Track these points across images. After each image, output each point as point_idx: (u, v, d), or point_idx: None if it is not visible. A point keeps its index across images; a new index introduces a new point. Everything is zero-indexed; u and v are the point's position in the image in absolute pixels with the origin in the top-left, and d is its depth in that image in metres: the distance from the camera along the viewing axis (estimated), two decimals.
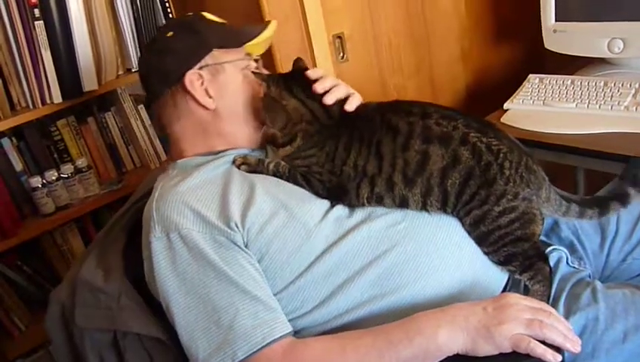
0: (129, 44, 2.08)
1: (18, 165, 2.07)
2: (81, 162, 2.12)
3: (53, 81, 1.96)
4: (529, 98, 1.93)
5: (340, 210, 1.26)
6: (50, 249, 2.17)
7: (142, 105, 2.22)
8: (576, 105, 1.84)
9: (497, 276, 1.25)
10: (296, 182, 1.29)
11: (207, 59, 1.34)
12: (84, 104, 2.15)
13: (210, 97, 1.33)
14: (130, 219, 1.48)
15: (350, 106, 1.30)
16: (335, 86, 1.31)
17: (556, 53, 2.01)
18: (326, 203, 1.27)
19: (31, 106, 1.98)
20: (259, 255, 1.20)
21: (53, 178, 2.06)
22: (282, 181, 1.29)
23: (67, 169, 2.09)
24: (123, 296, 1.25)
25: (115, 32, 2.08)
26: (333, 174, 1.26)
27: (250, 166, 1.31)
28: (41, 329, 2.09)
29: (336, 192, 1.27)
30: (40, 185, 2.04)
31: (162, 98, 1.35)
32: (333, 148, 1.27)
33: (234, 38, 1.39)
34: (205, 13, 1.43)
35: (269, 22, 1.45)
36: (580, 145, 1.69)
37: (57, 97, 1.98)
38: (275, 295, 1.19)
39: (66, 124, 2.14)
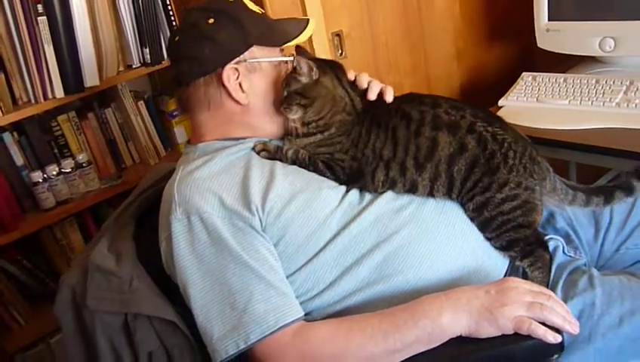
0: (130, 40, 2.11)
1: (19, 160, 2.09)
2: (82, 157, 2.14)
3: (56, 76, 1.98)
4: (523, 95, 1.98)
5: (353, 195, 1.30)
6: (49, 243, 2.19)
7: (142, 102, 2.25)
8: (569, 101, 1.89)
9: (499, 262, 1.29)
10: (316, 169, 1.32)
11: (246, 55, 1.33)
12: (84, 100, 2.17)
13: (244, 92, 1.34)
14: (138, 207, 1.52)
15: (389, 98, 1.36)
16: (371, 81, 1.38)
17: (549, 51, 2.07)
18: (342, 189, 1.31)
19: (33, 101, 2.00)
20: (275, 238, 1.24)
21: (54, 173, 2.09)
22: (300, 168, 1.33)
23: (68, 164, 2.12)
24: (135, 279, 1.28)
25: (116, 28, 2.10)
26: (354, 160, 1.31)
27: (270, 153, 1.34)
28: (40, 324, 2.14)
29: (354, 177, 1.31)
30: (41, 180, 2.06)
31: (193, 84, 1.35)
32: (357, 134, 1.32)
33: (274, 35, 1.38)
34: (245, 1, 1.40)
35: (307, 20, 1.43)
36: (572, 140, 1.75)
37: (59, 92, 2.00)
38: (287, 277, 1.23)
39: (66, 120, 2.16)
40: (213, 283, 1.20)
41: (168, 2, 2.13)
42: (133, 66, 2.15)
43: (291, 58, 1.38)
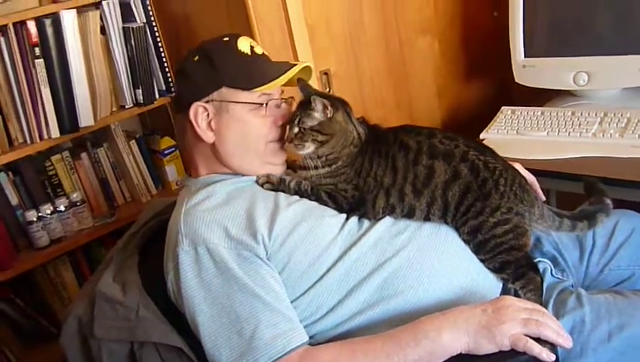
0: (123, 81, 2.17)
1: (14, 199, 2.12)
2: (75, 196, 2.18)
3: (52, 117, 2.04)
4: (503, 128, 2.07)
5: (352, 222, 1.35)
6: (43, 282, 2.20)
7: (134, 141, 2.30)
8: (548, 133, 1.98)
9: (493, 284, 1.35)
10: (319, 200, 1.38)
11: (215, 95, 1.37)
12: (77, 140, 2.22)
13: (212, 131, 1.38)
14: (141, 238, 1.56)
15: None
16: None
17: (526, 86, 2.17)
18: (342, 217, 1.36)
19: (28, 141, 2.04)
20: (280, 266, 1.29)
21: (48, 212, 2.12)
22: (302, 198, 1.38)
23: (62, 203, 2.15)
24: (142, 307, 1.32)
25: (109, 70, 2.17)
26: (357, 189, 1.36)
27: (273, 185, 1.39)
28: None
29: (356, 206, 1.37)
30: (35, 219, 2.10)
31: (177, 116, 1.44)
32: (360, 164, 1.37)
33: (249, 78, 1.38)
34: (242, 40, 1.42)
35: (294, 64, 1.44)
36: (552, 169, 1.83)
37: (55, 132, 2.05)
38: (292, 303, 1.28)
39: (60, 159, 2.20)
40: (220, 311, 1.24)
41: (160, 45, 2.20)
42: (126, 107, 2.21)
43: (265, 103, 1.39)
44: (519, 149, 1.92)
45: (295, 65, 1.44)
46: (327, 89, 2.08)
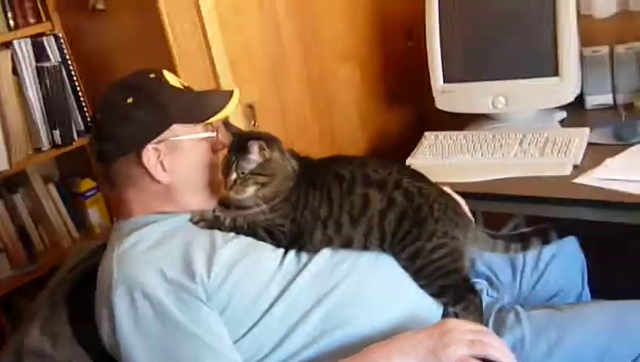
0: (38, 122, 2.09)
1: None
2: None
3: None
4: (428, 153, 2.11)
5: (290, 256, 1.33)
6: None
7: (52, 184, 2.21)
8: (471, 155, 2.04)
9: (433, 308, 1.35)
10: (256, 236, 1.34)
11: (167, 134, 1.33)
12: None
13: (165, 171, 1.34)
14: (69, 287, 1.47)
15: None
16: None
17: (446, 111, 2.22)
18: (280, 252, 1.34)
19: None
20: (221, 307, 1.24)
21: None
22: (239, 235, 1.34)
23: None
24: (74, 361, 1.25)
25: (23, 111, 2.08)
26: (294, 223, 1.34)
27: (208, 222, 1.35)
28: None
29: (295, 239, 1.34)
30: None
31: (115, 163, 1.35)
32: (296, 198, 1.35)
33: (196, 110, 1.37)
34: (166, 74, 1.39)
35: (232, 91, 1.43)
36: (478, 190, 1.87)
37: None
38: (235, 343, 1.24)
39: None
40: (161, 358, 1.19)
41: (77, 84, 2.14)
42: (43, 149, 2.12)
43: (214, 133, 1.40)
44: (445, 173, 1.96)
45: (230, 91, 1.43)
46: (252, 122, 2.07)
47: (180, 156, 1.35)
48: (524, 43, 2.07)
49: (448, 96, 2.21)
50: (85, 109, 2.16)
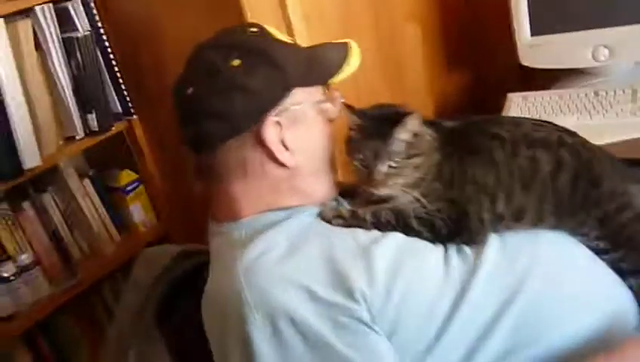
0: (71, 106, 1.73)
1: None
2: (24, 258, 1.70)
3: None
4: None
5: (453, 255, 1.06)
6: None
7: (87, 180, 1.85)
8: (578, 118, 1.77)
9: (626, 295, 1.10)
10: (408, 230, 1.07)
11: (286, 102, 1.06)
12: (16, 187, 1.74)
13: (288, 150, 1.06)
14: (156, 304, 1.22)
15: None
16: None
17: (528, 68, 1.95)
18: (440, 250, 1.06)
19: None
20: (388, 329, 0.97)
21: None
22: (384, 233, 1.06)
23: (6, 269, 1.67)
24: None
25: (50, 93, 1.71)
26: (454, 203, 1.07)
27: (346, 220, 1.07)
28: None
29: (457, 227, 1.07)
30: None
31: (221, 148, 1.05)
32: (449, 172, 1.09)
33: (316, 70, 1.11)
34: (267, 27, 1.12)
35: (345, 43, 1.16)
36: None
37: None
38: None
39: None
40: None
41: (112, 58, 1.78)
42: (77, 137, 1.76)
43: (339, 97, 1.13)
44: None
45: (344, 43, 1.16)
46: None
47: (302, 129, 1.08)
48: None
49: (537, 50, 1.93)
50: (123, 87, 1.81)
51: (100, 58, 1.77)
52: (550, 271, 1.05)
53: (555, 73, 2.01)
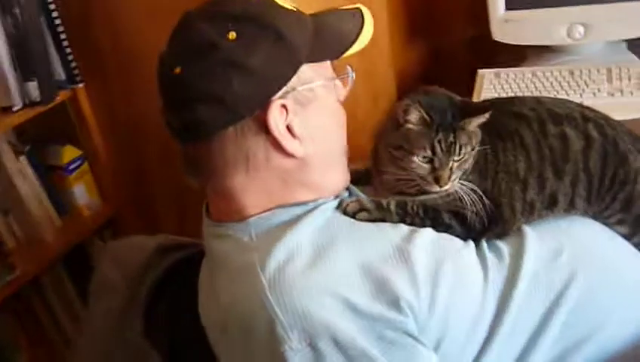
0: (7, 72, 1.49)
1: None
2: None
3: None
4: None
5: (486, 252, 0.97)
6: None
7: (23, 156, 1.61)
8: (555, 97, 1.72)
9: None
10: (437, 223, 0.97)
11: (294, 82, 0.91)
12: None
13: (296, 138, 0.92)
14: (142, 316, 1.07)
15: None
16: None
17: (500, 44, 1.88)
18: (472, 247, 0.97)
19: None
20: (435, 339, 0.89)
21: None
22: (415, 228, 0.96)
23: None
24: None
25: None
26: (487, 194, 0.99)
27: (370, 213, 0.96)
28: None
29: (490, 219, 0.99)
30: None
31: (218, 137, 0.90)
32: (483, 160, 1.01)
33: (326, 41, 0.95)
34: None
35: (357, 9, 1.01)
36: None
37: None
38: None
39: None
40: None
41: (55, 16, 1.54)
42: (14, 108, 1.52)
43: (352, 73, 1.00)
44: None
45: (355, 8, 1.01)
46: None
47: (313, 113, 0.94)
48: None
49: (512, 25, 1.86)
50: (68, 52, 1.58)
51: (43, 17, 1.53)
52: (592, 267, 0.99)
53: (524, 50, 1.96)
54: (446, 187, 0.97)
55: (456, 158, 0.96)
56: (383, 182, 1.04)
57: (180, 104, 0.90)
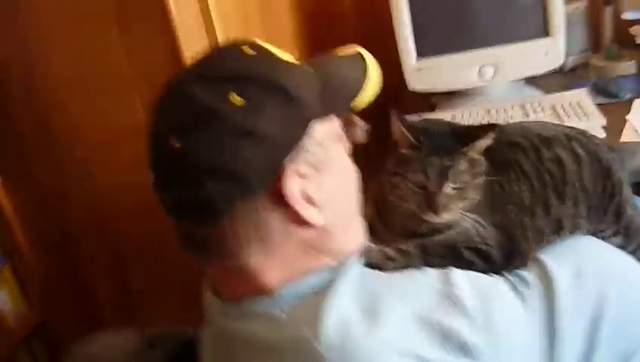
0: None
1: None
2: None
3: None
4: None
5: (517, 284, 0.93)
6: None
7: None
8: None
9: None
10: (457, 261, 0.93)
11: (306, 143, 0.83)
12: None
13: (315, 206, 0.84)
14: None
15: None
16: None
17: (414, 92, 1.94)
18: (499, 279, 0.93)
19: None
20: None
21: None
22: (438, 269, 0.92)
23: None
24: None
25: None
26: (498, 228, 0.98)
27: (396, 260, 0.92)
28: None
29: (508, 252, 0.98)
30: None
31: (228, 214, 0.80)
32: (489, 191, 1.00)
33: (332, 93, 0.87)
34: (264, 45, 0.87)
35: (358, 53, 0.93)
36: None
37: None
38: None
39: None
40: None
41: None
42: None
43: (362, 124, 0.97)
44: None
45: (355, 52, 0.94)
46: None
47: (328, 173, 0.86)
48: (508, 2, 1.88)
49: (424, 73, 1.92)
50: None
51: None
52: (614, 272, 0.99)
53: (431, 97, 2.03)
54: (444, 215, 0.94)
55: (452, 185, 0.93)
56: (388, 227, 1.01)
57: (183, 180, 0.79)
